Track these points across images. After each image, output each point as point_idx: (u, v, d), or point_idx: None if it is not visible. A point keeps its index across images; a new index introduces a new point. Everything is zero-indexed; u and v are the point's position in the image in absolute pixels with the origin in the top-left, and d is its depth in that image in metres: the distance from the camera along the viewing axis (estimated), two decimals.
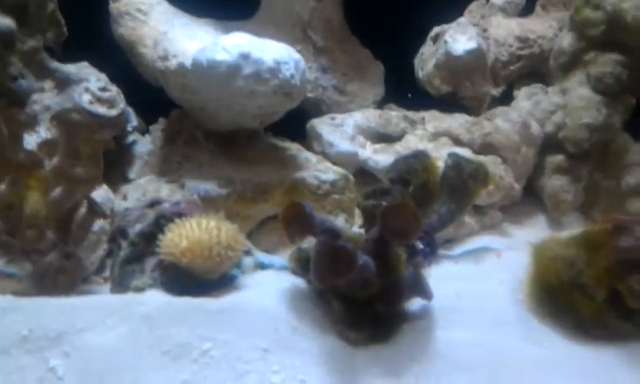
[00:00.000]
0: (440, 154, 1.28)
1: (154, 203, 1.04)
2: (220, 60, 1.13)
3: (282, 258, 1.08)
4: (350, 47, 1.57)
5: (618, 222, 1.02)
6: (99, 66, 1.37)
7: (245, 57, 1.14)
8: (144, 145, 1.37)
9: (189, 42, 1.24)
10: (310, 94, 1.51)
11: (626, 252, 0.95)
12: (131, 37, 1.43)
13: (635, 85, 1.35)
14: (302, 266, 0.98)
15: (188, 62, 1.18)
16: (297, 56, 1.20)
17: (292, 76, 1.17)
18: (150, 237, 0.98)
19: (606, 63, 1.33)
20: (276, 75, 1.15)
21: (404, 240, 0.92)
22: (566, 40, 1.40)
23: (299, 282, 1.02)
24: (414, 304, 1.01)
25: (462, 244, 1.30)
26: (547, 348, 0.97)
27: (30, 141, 1.18)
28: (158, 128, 1.41)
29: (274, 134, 1.42)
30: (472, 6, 1.61)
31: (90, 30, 1.47)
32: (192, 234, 0.93)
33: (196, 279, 0.95)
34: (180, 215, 0.98)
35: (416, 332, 0.98)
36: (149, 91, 1.44)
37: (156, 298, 0.94)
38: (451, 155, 1.18)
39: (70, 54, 1.37)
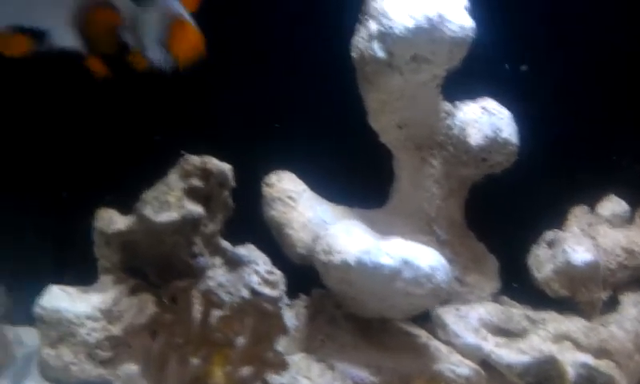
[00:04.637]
0: (564, 358, 1.40)
1: None
2: (384, 264, 1.31)
3: None
4: (468, 241, 1.74)
5: None
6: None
7: (406, 262, 1.31)
8: (289, 320, 1.52)
9: (347, 238, 1.41)
10: None
11: None
12: (281, 219, 1.63)
13: None
14: None
15: (351, 260, 1.35)
16: (444, 262, 1.37)
17: (443, 282, 1.33)
18: None
19: None
20: (430, 281, 1.32)
21: None
22: None
23: None
24: None
25: None
26: None
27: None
28: (300, 304, 1.57)
29: None
30: (577, 211, 1.78)
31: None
32: None
33: None
34: None
35: None
36: (288, 268, 1.62)
37: None
38: (583, 366, 1.30)
39: None
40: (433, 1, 1.39)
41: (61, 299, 1.42)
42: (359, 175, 1.76)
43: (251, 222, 1.66)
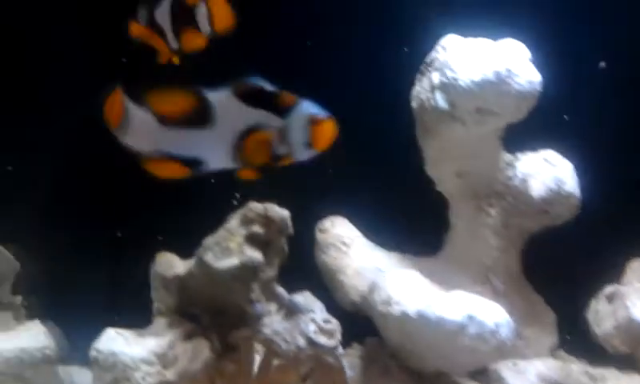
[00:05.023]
0: None
1: None
2: (448, 319, 1.28)
3: None
4: (526, 292, 1.71)
5: None
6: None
7: (470, 318, 1.28)
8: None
9: (407, 289, 1.39)
10: None
11: None
12: (334, 265, 1.62)
13: None
14: None
15: (412, 312, 1.33)
16: (508, 317, 1.34)
17: (507, 338, 1.30)
18: None
19: None
20: (495, 337, 1.29)
21: None
22: None
23: None
24: None
25: None
26: None
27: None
28: (354, 354, 1.54)
29: None
30: (634, 265, 1.73)
31: None
32: None
33: None
34: None
35: None
36: (339, 315, 1.59)
37: None
38: None
39: None
40: (498, 54, 1.39)
41: (117, 342, 1.41)
42: (412, 223, 1.75)
43: (301, 267, 1.66)
